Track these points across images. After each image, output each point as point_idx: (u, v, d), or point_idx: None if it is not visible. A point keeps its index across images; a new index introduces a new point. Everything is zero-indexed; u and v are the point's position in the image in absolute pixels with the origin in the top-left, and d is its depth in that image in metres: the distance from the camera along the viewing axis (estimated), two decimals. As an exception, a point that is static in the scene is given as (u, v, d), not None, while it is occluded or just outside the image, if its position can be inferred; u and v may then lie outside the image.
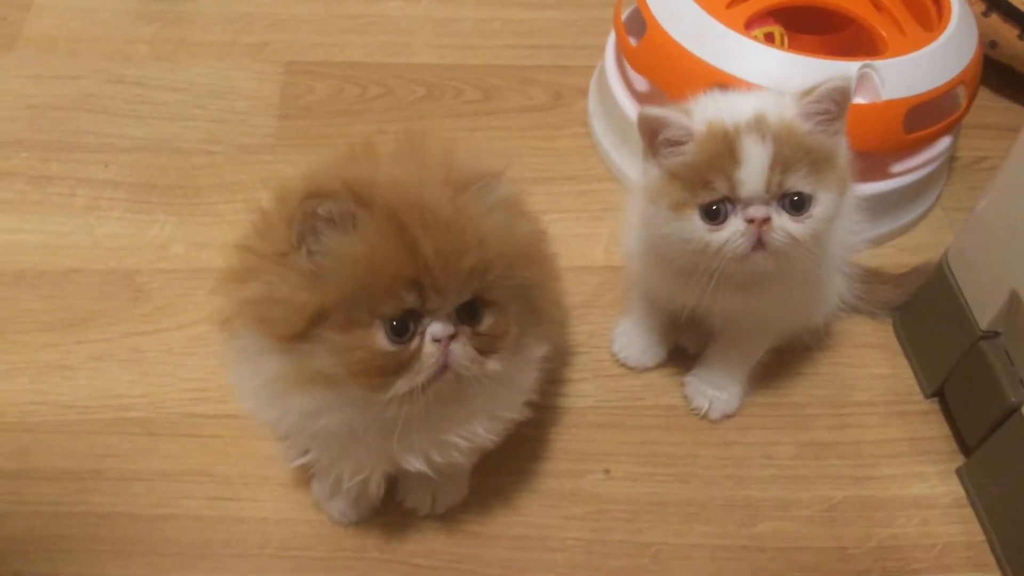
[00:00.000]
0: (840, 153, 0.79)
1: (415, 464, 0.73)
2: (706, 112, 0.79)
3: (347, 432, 0.71)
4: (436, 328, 0.64)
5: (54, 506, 0.89)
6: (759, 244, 0.77)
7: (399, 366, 0.64)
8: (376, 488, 0.78)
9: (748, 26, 1.09)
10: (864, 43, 1.18)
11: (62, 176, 1.19)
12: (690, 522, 0.92)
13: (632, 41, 1.17)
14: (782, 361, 1.03)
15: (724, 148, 0.76)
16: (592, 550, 0.89)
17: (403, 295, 0.63)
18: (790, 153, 0.75)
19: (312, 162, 0.70)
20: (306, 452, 0.77)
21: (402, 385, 0.65)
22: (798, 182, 0.76)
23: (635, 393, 1.01)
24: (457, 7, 1.47)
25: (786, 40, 1.15)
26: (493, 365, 0.67)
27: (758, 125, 0.75)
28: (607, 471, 0.95)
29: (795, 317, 0.94)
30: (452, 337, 0.65)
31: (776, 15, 1.15)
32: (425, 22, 1.44)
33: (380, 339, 0.64)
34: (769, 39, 1.12)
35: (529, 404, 0.80)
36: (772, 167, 0.75)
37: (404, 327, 0.64)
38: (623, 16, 1.22)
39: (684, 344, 1.03)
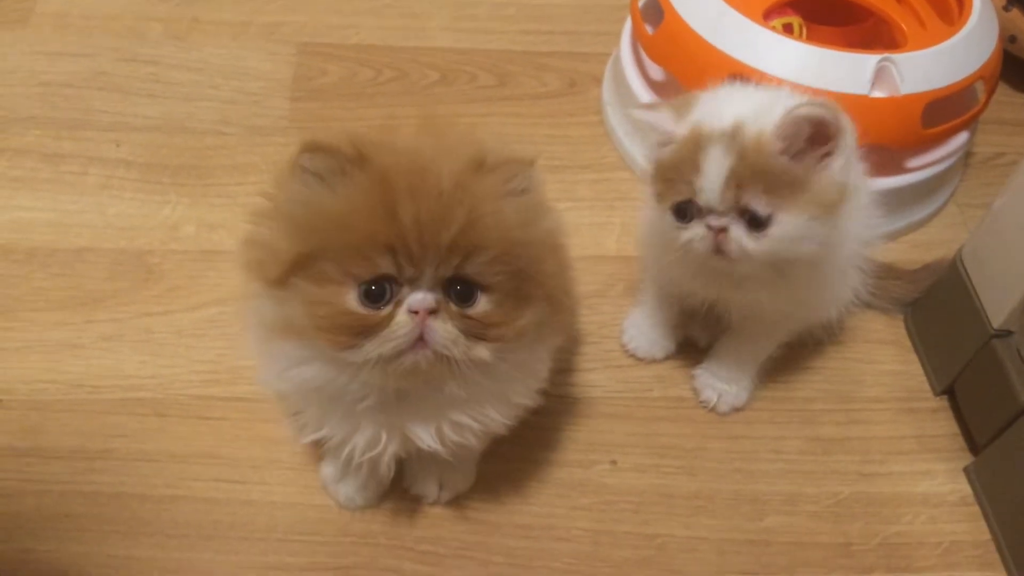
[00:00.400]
0: (823, 179, 0.76)
1: (427, 441, 0.73)
2: (703, 110, 0.79)
3: (338, 396, 0.70)
4: (414, 299, 0.63)
5: (63, 485, 0.89)
6: (719, 250, 0.78)
7: (366, 330, 0.63)
8: (387, 468, 0.78)
9: (767, 16, 1.08)
10: (884, 36, 1.17)
11: (74, 154, 1.19)
12: (697, 515, 0.92)
13: (648, 29, 1.16)
14: (791, 355, 1.03)
15: (691, 154, 0.77)
16: (598, 540, 0.90)
17: (375, 258, 0.62)
18: (746, 172, 0.75)
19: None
20: (319, 428, 0.76)
21: (370, 350, 0.63)
22: (752, 200, 0.76)
23: (644, 384, 1.01)
24: (472, -9, 1.46)
25: (804, 31, 1.15)
26: (480, 352, 0.65)
27: (730, 136, 0.75)
28: (614, 462, 0.95)
29: (811, 311, 0.94)
30: (434, 313, 0.64)
31: (795, 5, 1.14)
32: (441, 6, 1.43)
33: (350, 299, 0.63)
34: (787, 30, 1.12)
35: (540, 392, 0.80)
36: (728, 182, 0.75)
37: (381, 292, 0.63)
38: (640, 3, 1.21)
39: (694, 337, 1.03)
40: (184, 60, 1.32)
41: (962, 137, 1.15)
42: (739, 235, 0.77)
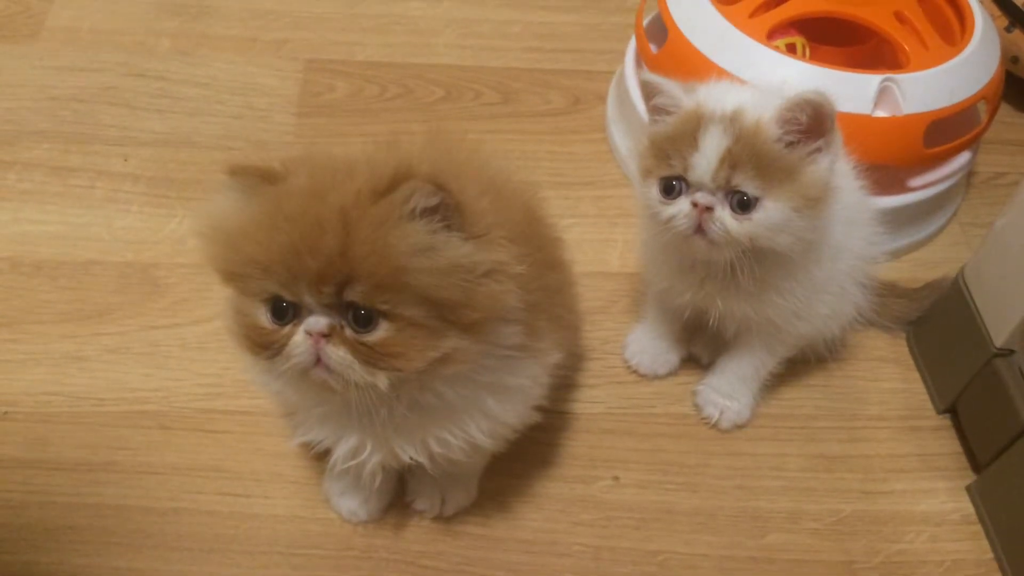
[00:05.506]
0: (810, 172, 0.79)
1: (409, 453, 0.74)
2: (708, 95, 0.81)
3: (293, 399, 0.73)
4: (309, 322, 0.64)
5: (67, 497, 0.90)
6: (700, 229, 0.80)
7: (271, 344, 0.65)
8: (370, 477, 0.78)
9: (770, 36, 1.09)
10: (886, 56, 1.18)
11: (82, 168, 1.19)
12: (698, 531, 0.92)
13: (653, 48, 1.17)
14: (794, 373, 1.03)
15: (690, 130, 0.79)
16: (600, 556, 0.90)
17: (260, 280, 0.63)
18: (742, 152, 0.77)
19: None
20: (309, 431, 0.77)
21: (279, 363, 0.65)
22: (743, 182, 0.78)
23: (646, 401, 1.01)
24: (478, 8, 1.47)
25: (808, 51, 1.15)
26: (378, 380, 0.64)
27: (729, 118, 0.78)
28: (616, 478, 0.95)
29: (806, 326, 0.94)
30: (328, 336, 0.64)
31: (799, 26, 1.14)
32: (446, 23, 1.44)
33: (260, 314, 0.65)
34: (791, 50, 1.12)
35: (539, 409, 0.80)
36: (722, 160, 0.77)
37: (283, 311, 0.64)
38: (644, 22, 1.22)
39: (697, 354, 1.03)
40: (191, 75, 1.33)
41: (964, 157, 1.15)
42: (723, 215, 0.79)
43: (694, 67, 1.07)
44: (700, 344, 1.02)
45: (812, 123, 0.78)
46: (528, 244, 0.69)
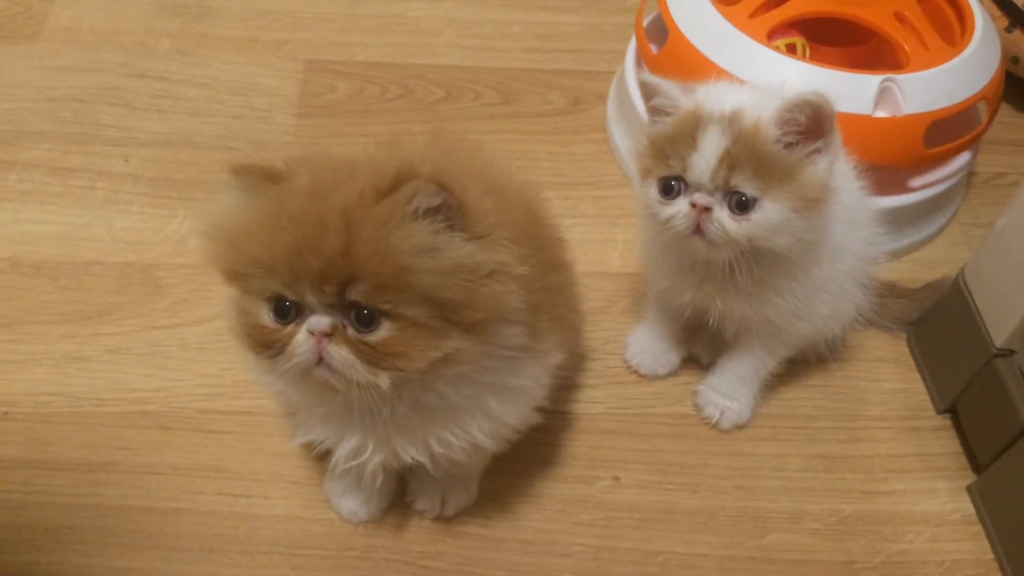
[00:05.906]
0: (809, 173, 0.79)
1: (411, 453, 0.74)
2: (707, 96, 0.82)
3: (293, 399, 0.73)
4: (312, 321, 0.64)
5: (67, 497, 0.90)
6: (698, 230, 0.80)
7: (274, 343, 0.65)
8: (371, 478, 0.78)
9: (770, 36, 1.09)
10: (886, 56, 1.18)
11: (83, 169, 1.19)
12: (698, 531, 0.92)
13: (653, 48, 1.17)
14: (794, 373, 1.03)
15: (689, 130, 0.79)
16: (600, 556, 0.90)
17: (263, 279, 0.63)
18: (741, 153, 0.77)
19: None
20: (311, 431, 0.77)
21: (281, 363, 0.65)
22: (742, 183, 0.78)
23: (647, 401, 1.02)
24: (479, 9, 1.47)
25: (808, 51, 1.15)
26: (380, 380, 0.64)
27: (728, 119, 0.78)
28: (617, 478, 0.95)
29: (806, 326, 0.94)
30: (331, 335, 0.64)
31: (799, 26, 1.14)
32: (446, 23, 1.44)
33: (263, 313, 0.65)
34: (791, 50, 1.12)
35: (539, 410, 0.80)
36: (721, 161, 0.78)
37: (285, 310, 0.64)
38: (644, 23, 1.22)
39: (697, 355, 1.03)
40: (192, 76, 1.33)
41: (964, 157, 1.16)
42: (721, 216, 0.79)
43: (694, 67, 1.07)
44: (700, 344, 1.03)
45: (811, 124, 0.78)
46: (530, 245, 0.69)
